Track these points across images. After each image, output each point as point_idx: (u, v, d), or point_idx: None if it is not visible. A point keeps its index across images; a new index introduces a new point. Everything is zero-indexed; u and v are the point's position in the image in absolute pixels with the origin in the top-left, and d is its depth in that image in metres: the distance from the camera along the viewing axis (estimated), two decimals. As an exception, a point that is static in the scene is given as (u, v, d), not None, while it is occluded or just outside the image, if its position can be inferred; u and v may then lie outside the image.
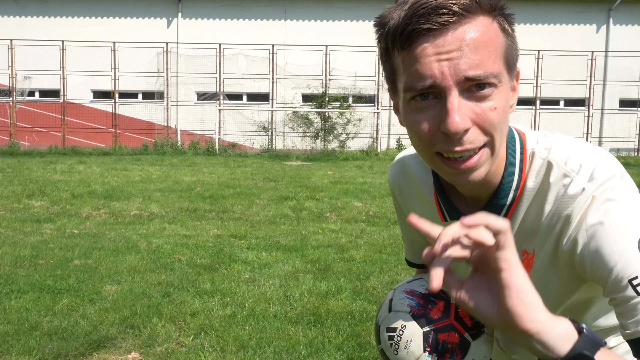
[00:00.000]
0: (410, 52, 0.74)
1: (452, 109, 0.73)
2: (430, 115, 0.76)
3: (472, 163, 0.77)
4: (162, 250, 5.36)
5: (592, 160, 0.82)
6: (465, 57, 0.72)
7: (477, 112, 0.74)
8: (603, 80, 19.96)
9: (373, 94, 19.92)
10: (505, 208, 0.88)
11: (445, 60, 0.72)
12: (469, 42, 0.72)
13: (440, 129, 0.75)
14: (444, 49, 0.72)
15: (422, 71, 0.73)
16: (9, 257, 5.00)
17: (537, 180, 0.86)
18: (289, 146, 19.60)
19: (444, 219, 0.97)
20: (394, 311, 0.95)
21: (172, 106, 19.89)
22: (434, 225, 0.70)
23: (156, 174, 11.37)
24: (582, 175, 0.81)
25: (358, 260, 5.10)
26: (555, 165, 0.84)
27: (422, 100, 0.76)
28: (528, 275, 0.89)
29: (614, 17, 19.93)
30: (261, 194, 8.97)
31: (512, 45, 0.78)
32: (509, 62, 0.78)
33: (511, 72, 0.79)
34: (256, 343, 3.24)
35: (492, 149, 0.78)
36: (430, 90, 0.74)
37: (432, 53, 0.73)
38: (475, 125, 0.75)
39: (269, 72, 19.73)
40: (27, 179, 10.14)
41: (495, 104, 0.75)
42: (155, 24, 20.08)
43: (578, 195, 0.80)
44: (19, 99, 19.21)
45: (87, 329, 3.38)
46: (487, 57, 0.73)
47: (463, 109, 0.73)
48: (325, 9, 19.97)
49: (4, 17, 19.88)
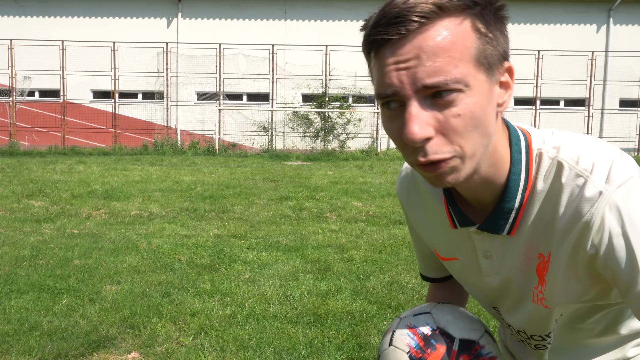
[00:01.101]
0: (376, 60, 0.76)
1: (409, 119, 0.72)
2: (397, 125, 0.76)
3: (441, 169, 0.76)
4: (162, 250, 5.36)
5: (607, 159, 0.80)
6: (423, 66, 0.71)
7: (439, 120, 0.73)
8: (603, 80, 19.96)
9: (373, 94, 19.89)
10: (514, 211, 0.86)
11: (404, 69, 0.72)
12: (426, 50, 0.71)
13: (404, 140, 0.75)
14: (402, 57, 0.72)
15: (384, 80, 0.74)
16: (8, 257, 5.00)
17: (547, 182, 0.83)
18: (289, 146, 19.60)
19: (454, 226, 0.95)
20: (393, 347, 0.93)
21: (172, 106, 19.89)
22: None
23: (156, 174, 11.36)
24: (597, 176, 0.79)
25: (358, 260, 5.10)
26: (567, 165, 0.81)
27: (389, 109, 0.76)
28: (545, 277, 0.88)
29: (614, 17, 19.93)
30: (261, 194, 8.97)
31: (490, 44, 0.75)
32: (483, 61, 0.74)
33: (491, 71, 0.76)
34: (256, 343, 3.24)
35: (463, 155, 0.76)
36: (393, 99, 0.74)
37: (392, 62, 0.73)
38: (440, 134, 0.73)
39: (269, 72, 19.73)
40: (27, 179, 10.14)
41: (460, 110, 0.73)
42: (155, 24, 20.08)
43: (596, 198, 0.78)
44: (18, 99, 19.20)
45: (87, 329, 3.38)
46: (447, 63, 0.71)
47: (423, 117, 0.72)
48: (325, 9, 19.97)
49: (4, 17, 19.88)
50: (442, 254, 1.05)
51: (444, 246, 1.03)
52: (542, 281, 0.89)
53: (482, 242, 0.92)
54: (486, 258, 0.94)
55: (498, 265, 0.94)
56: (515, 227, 0.87)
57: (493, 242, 0.91)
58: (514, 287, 0.95)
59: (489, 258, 0.94)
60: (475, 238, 0.93)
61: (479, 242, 0.93)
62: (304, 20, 20.17)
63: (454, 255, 1.01)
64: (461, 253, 0.99)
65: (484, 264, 0.95)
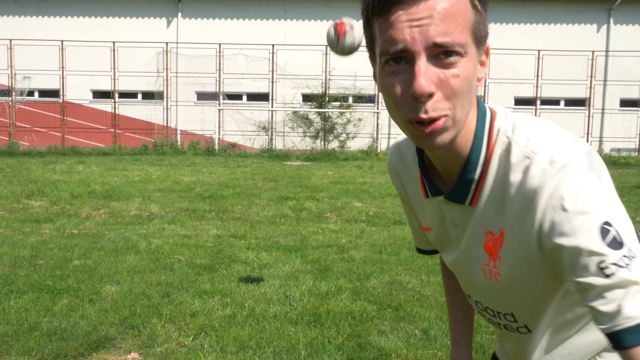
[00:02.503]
0: (386, 19, 0.80)
1: (419, 72, 0.78)
2: (401, 79, 0.81)
3: (437, 126, 0.81)
4: (161, 250, 5.35)
5: (554, 142, 0.84)
6: (435, 25, 0.78)
7: (441, 78, 0.79)
8: (604, 80, 19.95)
9: (373, 94, 19.92)
10: (474, 183, 0.92)
11: (417, 26, 0.78)
12: (439, 11, 0.78)
13: (409, 93, 0.79)
14: (416, 16, 0.78)
15: (395, 36, 0.79)
16: (8, 257, 4.99)
17: (501, 159, 0.89)
18: (288, 146, 19.59)
19: (426, 196, 1.02)
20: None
21: (171, 106, 19.88)
22: None
23: (156, 174, 11.36)
24: (541, 157, 0.83)
25: (358, 260, 5.09)
26: (515, 145, 0.87)
27: (395, 64, 0.81)
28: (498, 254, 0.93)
29: (614, 17, 19.92)
30: (261, 194, 8.96)
31: (481, 20, 0.83)
32: (477, 35, 0.83)
33: (479, 46, 0.84)
34: (256, 343, 3.23)
35: (454, 115, 0.82)
36: (401, 55, 0.80)
37: (405, 20, 0.78)
38: (439, 90, 0.79)
39: (269, 72, 19.73)
40: (27, 179, 10.13)
41: (458, 72, 0.80)
42: (155, 24, 20.07)
43: (538, 179, 0.82)
44: (18, 99, 19.19)
45: (86, 330, 3.37)
46: (454, 27, 0.78)
47: (429, 73, 0.78)
48: (325, 9, 19.96)
49: (4, 17, 19.87)
50: (424, 224, 1.12)
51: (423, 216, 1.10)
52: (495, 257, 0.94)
53: (450, 211, 0.99)
54: (454, 227, 1.01)
55: (462, 233, 1.00)
56: (475, 198, 0.93)
57: (458, 211, 0.97)
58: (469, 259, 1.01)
59: (457, 227, 1.00)
60: (443, 207, 1.00)
61: (447, 211, 1.00)
62: (304, 20, 20.16)
63: (431, 225, 1.08)
64: (434, 222, 1.06)
65: (453, 233, 1.02)
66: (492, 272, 0.96)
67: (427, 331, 3.44)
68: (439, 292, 4.19)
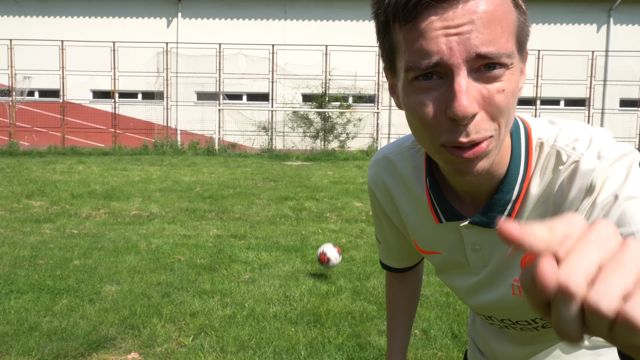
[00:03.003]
0: (414, 26, 0.66)
1: (459, 91, 0.65)
2: (434, 97, 0.68)
3: (480, 150, 0.69)
4: (161, 250, 5.35)
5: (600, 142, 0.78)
6: (477, 32, 0.64)
7: (484, 95, 0.67)
8: (603, 80, 19.96)
9: (373, 94, 19.92)
10: (510, 203, 0.82)
11: (455, 35, 0.64)
12: (481, 15, 0.64)
13: (446, 114, 0.67)
14: (454, 22, 0.64)
15: (427, 47, 0.66)
16: (8, 257, 4.99)
17: (547, 171, 0.80)
18: (289, 146, 19.60)
19: (438, 221, 0.90)
20: None
21: (172, 106, 19.88)
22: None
23: (156, 174, 11.36)
24: (589, 156, 0.77)
25: (358, 260, 5.09)
26: (564, 152, 0.79)
27: (425, 80, 0.68)
28: None
29: (614, 17, 19.92)
30: (261, 194, 8.96)
31: (525, 22, 0.70)
32: (521, 41, 0.70)
33: (522, 53, 0.71)
34: (256, 343, 3.23)
35: (498, 137, 0.71)
36: (435, 70, 0.67)
37: (440, 27, 0.65)
38: (483, 109, 0.68)
39: (269, 72, 19.73)
40: (27, 179, 10.13)
41: (504, 85, 0.67)
42: (155, 24, 20.08)
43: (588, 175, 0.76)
44: (18, 99, 19.20)
45: (86, 330, 3.37)
46: (500, 34, 0.65)
47: (472, 90, 0.66)
48: (325, 9, 19.97)
49: (4, 17, 19.87)
50: (423, 247, 1.00)
51: (425, 239, 0.98)
52: None
53: (472, 235, 0.88)
54: (474, 252, 0.90)
55: (487, 258, 0.90)
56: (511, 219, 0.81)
57: (483, 235, 0.87)
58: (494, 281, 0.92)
59: (478, 252, 0.90)
60: (464, 232, 0.88)
61: (468, 236, 0.88)
62: (304, 20, 20.16)
63: (436, 249, 0.97)
64: (444, 247, 0.95)
65: (472, 258, 0.91)
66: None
67: (427, 331, 3.44)
68: (438, 292, 4.19)
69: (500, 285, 0.92)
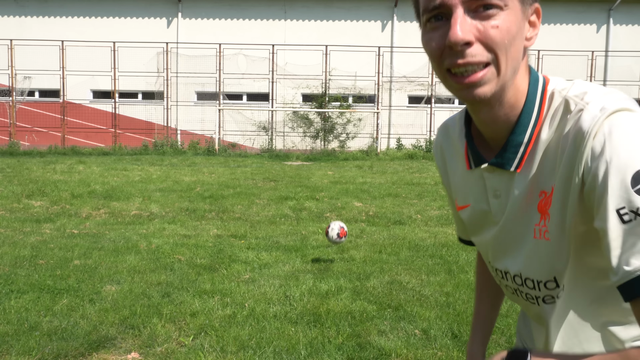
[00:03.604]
0: None
1: (454, 22, 0.80)
2: (440, 34, 0.83)
3: (476, 78, 0.82)
4: (162, 250, 5.36)
5: (607, 95, 0.85)
6: None
7: (479, 29, 0.80)
8: (603, 80, 19.96)
9: (373, 94, 19.92)
10: (522, 145, 0.91)
11: None
12: None
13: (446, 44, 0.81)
14: None
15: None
16: (8, 257, 5.00)
17: (556, 118, 0.89)
18: (289, 146, 19.60)
19: (469, 167, 1.02)
20: None
21: (172, 106, 19.89)
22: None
23: (156, 174, 11.36)
24: (593, 105, 0.83)
25: (358, 260, 5.09)
26: (572, 102, 0.87)
27: (436, 21, 0.83)
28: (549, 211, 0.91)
29: (614, 17, 19.93)
30: (261, 194, 8.97)
31: None
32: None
33: (524, 2, 0.84)
34: (256, 343, 3.24)
35: (497, 67, 0.82)
36: (440, 11, 0.82)
37: None
38: (479, 41, 0.81)
39: (269, 72, 19.73)
40: (27, 179, 10.13)
41: (497, 23, 0.80)
42: (155, 24, 20.08)
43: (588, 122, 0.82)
44: (18, 99, 19.20)
45: (86, 329, 3.38)
46: None
47: (466, 24, 0.80)
48: (325, 9, 19.97)
49: (4, 17, 19.88)
50: (460, 203, 1.10)
51: (461, 193, 1.08)
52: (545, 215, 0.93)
53: (492, 180, 0.98)
54: (495, 197, 0.99)
55: (504, 204, 0.98)
56: (523, 162, 0.92)
57: (502, 179, 0.96)
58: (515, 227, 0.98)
59: (498, 197, 0.98)
60: (486, 177, 0.99)
61: (490, 180, 0.98)
62: (304, 20, 20.17)
63: (467, 201, 1.07)
64: (473, 197, 1.05)
65: (494, 204, 1.00)
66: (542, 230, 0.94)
67: (427, 331, 3.44)
68: (438, 292, 4.19)
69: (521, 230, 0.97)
